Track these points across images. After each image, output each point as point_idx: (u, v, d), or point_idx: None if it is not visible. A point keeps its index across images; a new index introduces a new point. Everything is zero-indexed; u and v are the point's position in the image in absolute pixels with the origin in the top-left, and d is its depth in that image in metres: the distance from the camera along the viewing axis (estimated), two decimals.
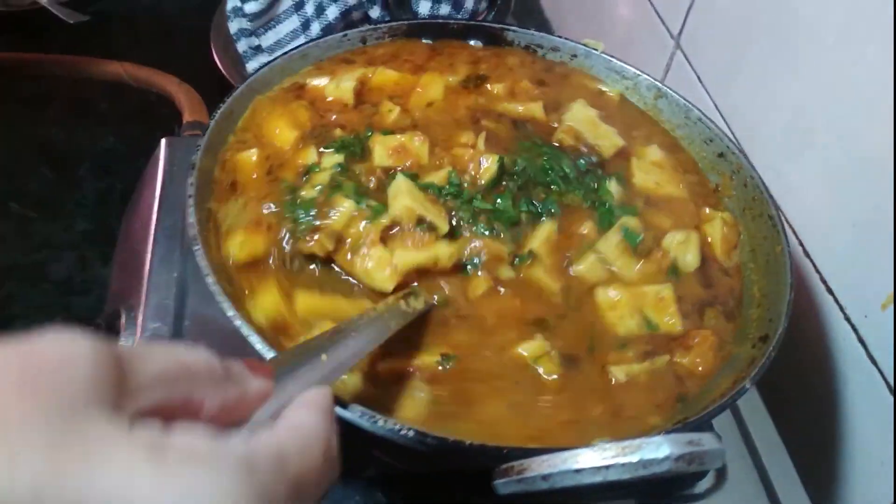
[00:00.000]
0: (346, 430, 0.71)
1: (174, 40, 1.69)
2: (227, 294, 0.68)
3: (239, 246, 0.76)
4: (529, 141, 0.92)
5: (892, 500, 0.83)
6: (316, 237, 0.74)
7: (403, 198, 0.76)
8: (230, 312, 0.67)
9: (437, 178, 0.84)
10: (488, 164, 0.85)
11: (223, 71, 1.41)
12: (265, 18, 1.23)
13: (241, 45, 1.22)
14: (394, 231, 0.75)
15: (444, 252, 0.76)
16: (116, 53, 1.47)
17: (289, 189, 0.81)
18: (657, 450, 0.51)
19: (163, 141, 1.13)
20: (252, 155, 0.83)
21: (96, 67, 1.38)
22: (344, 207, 0.75)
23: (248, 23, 1.22)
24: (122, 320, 0.94)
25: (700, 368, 0.76)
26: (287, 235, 0.76)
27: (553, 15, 1.86)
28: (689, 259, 0.84)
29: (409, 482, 0.84)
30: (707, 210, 0.90)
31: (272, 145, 0.85)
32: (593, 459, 0.53)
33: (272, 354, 0.65)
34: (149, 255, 0.99)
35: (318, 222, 0.75)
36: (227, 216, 0.79)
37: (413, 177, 0.81)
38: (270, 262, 0.76)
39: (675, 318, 0.78)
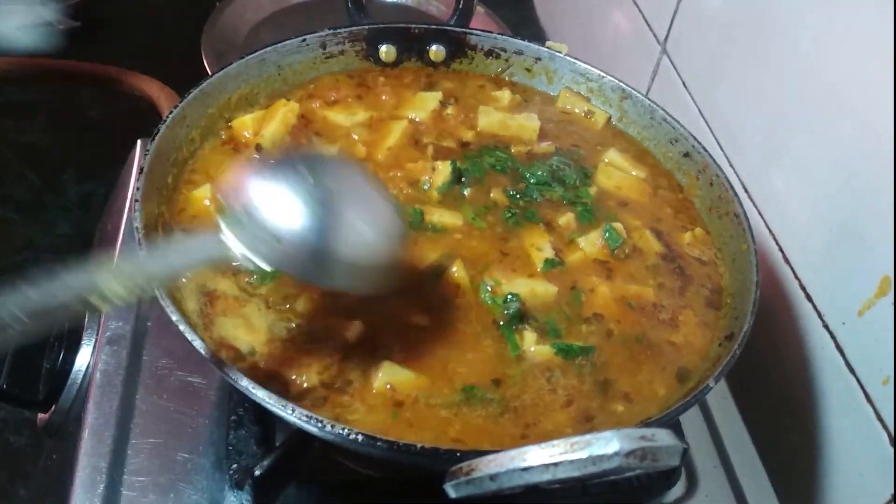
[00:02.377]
0: (300, 434, 0.71)
1: (166, 48, 1.70)
2: (170, 299, 0.67)
3: None
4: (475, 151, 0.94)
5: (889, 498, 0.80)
6: None
7: None
8: (174, 317, 0.66)
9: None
10: (442, 168, 0.87)
11: None
12: None
13: None
14: None
15: None
16: (109, 60, 1.48)
17: None
18: (606, 445, 0.49)
19: (138, 142, 1.13)
20: (206, 191, 0.83)
21: (79, 69, 1.39)
22: None
23: None
24: (86, 320, 0.93)
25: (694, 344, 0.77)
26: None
27: (547, 23, 1.87)
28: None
29: (368, 487, 0.82)
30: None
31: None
32: (541, 457, 0.51)
33: (215, 361, 0.65)
34: (116, 256, 0.98)
35: None
36: None
37: None
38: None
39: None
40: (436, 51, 1.03)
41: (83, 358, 0.90)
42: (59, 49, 1.66)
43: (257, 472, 0.75)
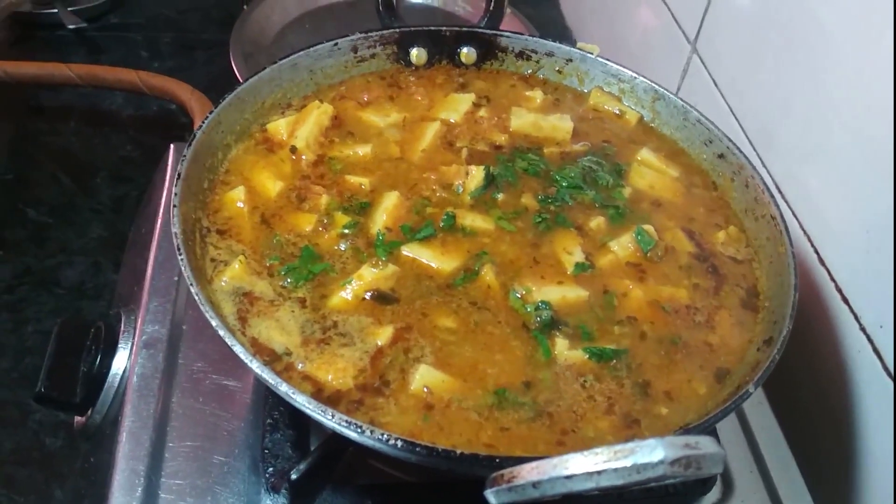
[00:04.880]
0: (337, 438, 0.72)
1: (195, 53, 1.72)
2: (209, 303, 0.67)
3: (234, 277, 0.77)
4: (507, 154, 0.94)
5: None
6: None
7: None
8: (213, 321, 0.66)
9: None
10: (475, 174, 0.87)
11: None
12: None
13: None
14: None
15: None
16: (137, 66, 1.49)
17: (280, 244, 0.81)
18: (651, 453, 0.48)
19: (171, 147, 1.13)
20: (240, 193, 0.84)
21: (112, 75, 1.40)
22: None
23: None
24: (122, 324, 0.94)
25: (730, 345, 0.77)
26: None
27: (573, 22, 1.86)
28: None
29: (401, 491, 0.82)
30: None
31: (259, 193, 0.85)
32: (585, 465, 0.50)
33: (256, 363, 0.65)
34: (151, 260, 0.99)
35: None
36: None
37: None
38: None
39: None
40: (466, 53, 1.03)
41: (120, 362, 0.91)
42: (89, 53, 1.70)
43: (294, 476, 0.76)
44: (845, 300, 0.90)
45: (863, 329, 0.87)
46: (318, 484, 0.78)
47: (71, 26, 1.65)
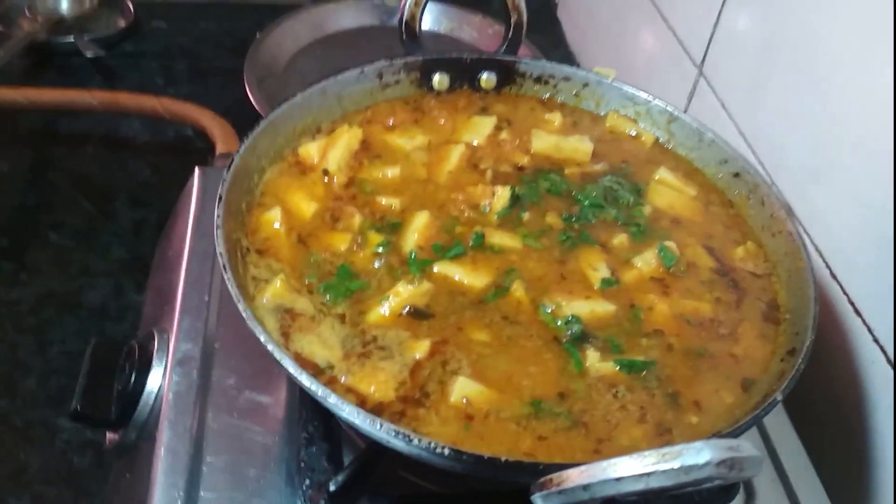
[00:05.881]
0: (374, 449, 0.74)
1: (209, 79, 1.76)
2: (257, 320, 0.70)
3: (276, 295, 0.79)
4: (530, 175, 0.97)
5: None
6: None
7: None
8: (262, 337, 0.69)
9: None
10: (501, 194, 0.91)
11: (257, 108, 1.47)
12: None
13: None
14: None
15: None
16: (153, 92, 1.53)
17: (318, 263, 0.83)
18: (698, 455, 0.50)
19: (196, 170, 1.16)
20: (276, 214, 0.86)
21: (133, 102, 1.43)
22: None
23: None
24: (155, 343, 0.96)
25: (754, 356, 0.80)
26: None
27: (577, 48, 1.90)
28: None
29: (435, 502, 0.84)
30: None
31: (294, 214, 0.88)
32: (634, 467, 0.53)
33: (306, 376, 0.67)
34: (182, 280, 1.01)
35: None
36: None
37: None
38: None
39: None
40: (486, 79, 1.06)
41: (154, 380, 0.93)
42: (105, 80, 1.73)
43: (332, 488, 0.78)
44: (858, 313, 0.93)
45: (876, 340, 0.90)
46: (355, 495, 0.80)
47: (89, 55, 1.68)
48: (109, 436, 0.98)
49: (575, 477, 0.55)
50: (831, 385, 0.97)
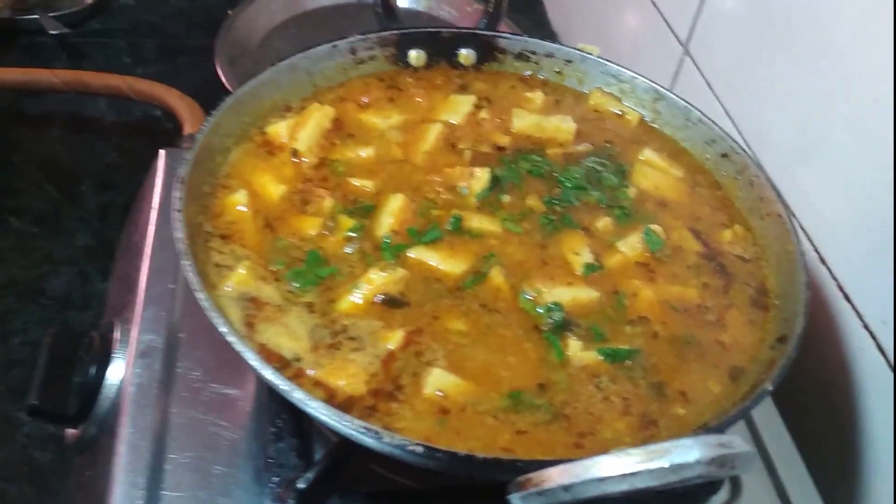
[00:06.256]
0: (345, 444, 0.70)
1: (179, 58, 1.70)
2: (217, 309, 0.66)
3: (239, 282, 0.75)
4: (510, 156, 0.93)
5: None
6: None
7: None
8: (222, 328, 0.65)
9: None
10: (480, 175, 0.86)
11: (229, 87, 1.42)
12: None
13: None
14: None
15: None
16: (121, 72, 1.47)
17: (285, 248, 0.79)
18: (687, 453, 0.47)
19: (161, 152, 1.11)
20: (242, 197, 0.82)
21: (98, 81, 1.38)
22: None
23: None
24: (117, 333, 0.91)
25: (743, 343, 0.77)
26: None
27: (560, 28, 1.86)
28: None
29: (407, 498, 0.81)
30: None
31: (261, 196, 0.84)
32: (619, 466, 0.49)
33: (269, 370, 0.63)
34: (145, 268, 0.97)
35: None
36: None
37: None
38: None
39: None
40: (465, 54, 1.02)
41: (115, 372, 0.88)
42: (70, 59, 1.67)
43: (301, 485, 0.73)
44: (847, 298, 0.90)
45: (866, 326, 0.87)
46: (326, 493, 0.76)
47: (53, 32, 1.62)
48: (70, 431, 0.94)
49: (555, 476, 0.51)
50: (819, 373, 0.95)
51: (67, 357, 0.89)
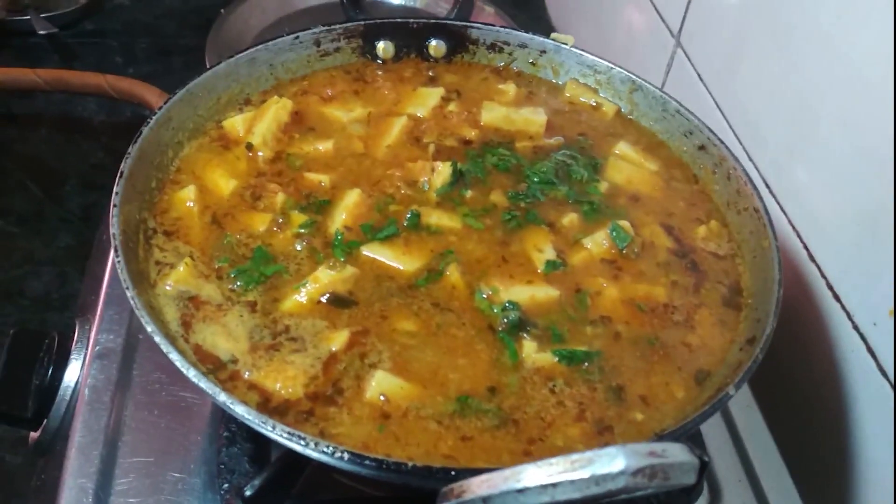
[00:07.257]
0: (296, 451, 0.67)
1: (172, 57, 1.69)
2: (145, 308, 0.63)
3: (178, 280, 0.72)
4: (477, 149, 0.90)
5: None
6: None
7: None
8: (148, 327, 0.62)
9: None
10: (442, 170, 0.83)
11: None
12: None
13: None
14: None
15: None
16: (112, 72, 1.45)
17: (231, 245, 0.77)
18: (611, 463, 0.44)
19: (131, 149, 1.09)
20: (190, 192, 0.79)
21: (78, 79, 1.36)
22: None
23: None
24: (77, 334, 0.89)
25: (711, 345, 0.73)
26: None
27: (559, 22, 1.82)
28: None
29: None
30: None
31: (211, 192, 0.81)
32: (538, 476, 0.46)
33: (193, 371, 0.60)
34: (108, 268, 0.95)
35: None
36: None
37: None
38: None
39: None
40: (436, 46, 0.99)
41: (72, 374, 0.87)
42: (62, 60, 1.66)
43: (248, 493, 0.71)
44: (837, 298, 0.85)
45: (856, 327, 0.82)
46: (276, 500, 0.73)
47: (42, 32, 1.61)
48: (32, 434, 0.92)
49: (475, 487, 0.48)
50: (808, 375, 0.90)
51: (28, 358, 0.88)
